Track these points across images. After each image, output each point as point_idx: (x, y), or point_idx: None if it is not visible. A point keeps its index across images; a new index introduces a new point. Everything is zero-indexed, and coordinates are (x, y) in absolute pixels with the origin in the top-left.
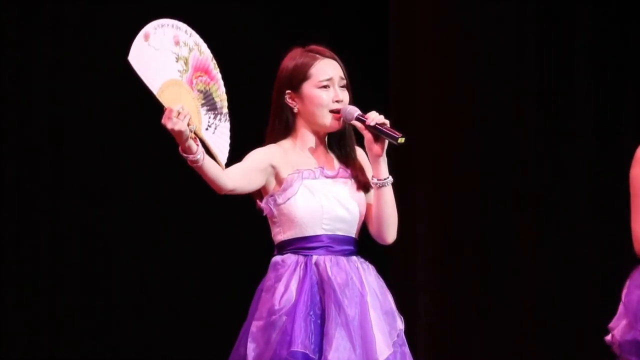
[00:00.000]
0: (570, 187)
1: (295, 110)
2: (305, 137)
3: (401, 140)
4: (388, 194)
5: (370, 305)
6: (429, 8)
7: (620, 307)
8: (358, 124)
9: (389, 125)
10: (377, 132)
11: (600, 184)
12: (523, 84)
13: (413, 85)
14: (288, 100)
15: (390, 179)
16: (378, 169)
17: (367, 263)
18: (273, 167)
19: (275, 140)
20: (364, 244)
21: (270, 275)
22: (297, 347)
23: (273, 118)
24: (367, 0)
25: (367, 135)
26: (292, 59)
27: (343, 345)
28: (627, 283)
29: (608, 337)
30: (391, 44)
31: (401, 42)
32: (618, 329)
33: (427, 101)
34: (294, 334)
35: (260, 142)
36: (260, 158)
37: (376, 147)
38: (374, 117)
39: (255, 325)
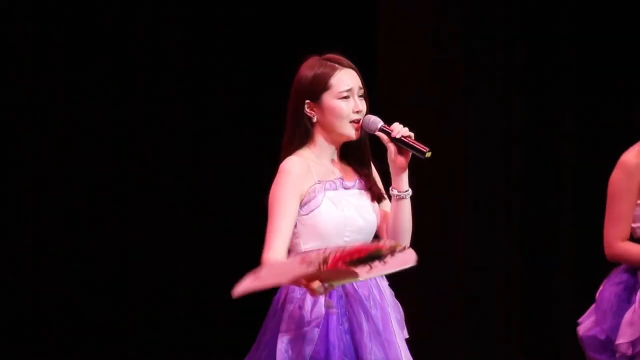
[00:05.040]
0: (554, 193)
1: (314, 120)
2: (323, 147)
3: (428, 154)
4: (407, 206)
5: (392, 316)
6: (414, 15)
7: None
8: (383, 136)
9: (413, 138)
10: (403, 145)
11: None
12: (513, 87)
13: (397, 93)
14: (307, 110)
15: (410, 191)
16: (399, 182)
17: None
18: (302, 193)
19: (293, 150)
20: None
21: (294, 286)
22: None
23: (291, 127)
24: (353, 12)
25: (391, 147)
26: (311, 68)
27: (380, 355)
28: (604, 282)
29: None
30: (378, 51)
31: (388, 52)
32: (585, 324)
33: (412, 105)
34: (330, 346)
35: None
36: (294, 203)
37: (400, 160)
38: (400, 130)
39: (282, 338)
